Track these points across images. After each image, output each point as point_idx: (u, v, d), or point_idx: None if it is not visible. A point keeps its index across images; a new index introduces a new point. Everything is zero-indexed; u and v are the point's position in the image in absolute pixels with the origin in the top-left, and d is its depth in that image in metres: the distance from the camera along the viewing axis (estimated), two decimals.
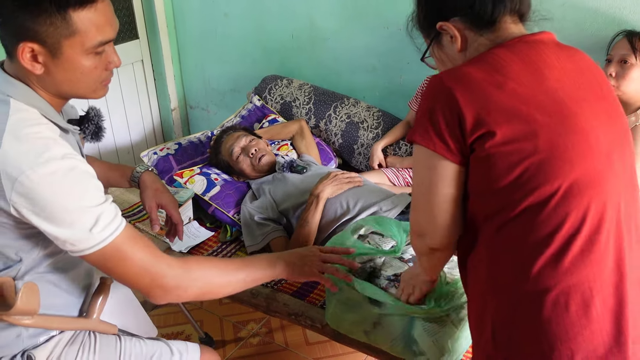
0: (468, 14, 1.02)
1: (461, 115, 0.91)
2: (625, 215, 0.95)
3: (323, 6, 2.51)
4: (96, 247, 1.02)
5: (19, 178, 0.96)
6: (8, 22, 0.99)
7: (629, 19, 1.88)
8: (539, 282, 0.90)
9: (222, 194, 2.04)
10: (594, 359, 0.88)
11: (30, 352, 1.17)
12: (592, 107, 0.96)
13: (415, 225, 1.07)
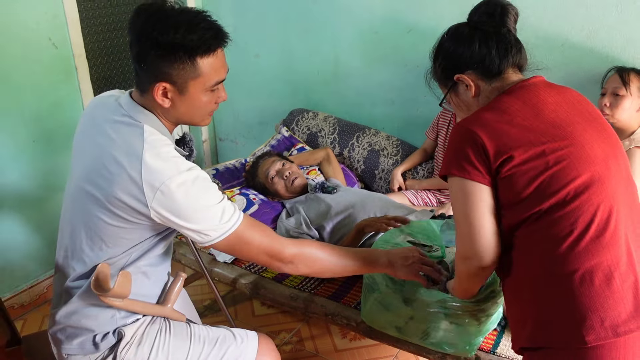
0: (480, 67, 1.25)
1: (485, 148, 1.13)
2: (626, 210, 1.16)
3: (346, 46, 2.80)
4: (223, 236, 1.29)
5: (160, 187, 1.22)
6: (149, 68, 1.24)
7: (620, 56, 2.14)
8: (566, 265, 1.10)
9: (261, 211, 2.28)
10: (618, 323, 1.07)
11: (121, 329, 1.40)
12: (583, 127, 1.18)
13: (462, 250, 1.21)
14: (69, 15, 2.49)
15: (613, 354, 1.07)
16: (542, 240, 1.13)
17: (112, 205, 1.27)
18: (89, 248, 1.35)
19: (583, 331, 1.07)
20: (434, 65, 1.36)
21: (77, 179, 1.36)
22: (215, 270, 2.10)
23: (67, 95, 2.57)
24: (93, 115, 1.39)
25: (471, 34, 1.27)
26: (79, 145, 1.39)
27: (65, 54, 2.53)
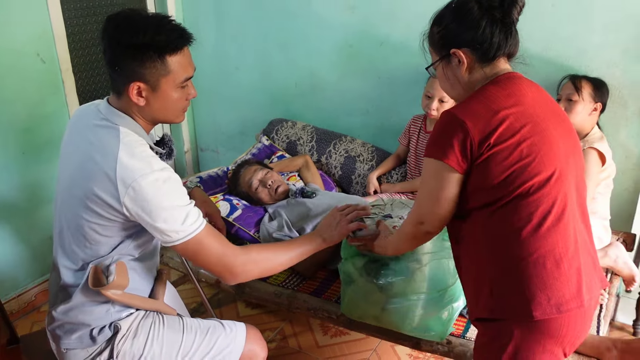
0: (478, 49, 1.30)
1: (470, 136, 1.22)
2: (577, 202, 1.31)
3: (323, 58, 2.95)
4: (185, 239, 1.38)
5: (132, 184, 1.32)
6: (123, 70, 1.36)
7: (573, 65, 2.33)
8: (523, 249, 1.24)
9: (244, 215, 2.40)
10: (562, 302, 1.22)
11: (117, 323, 1.51)
12: (554, 125, 1.29)
13: (418, 214, 1.37)
14: (56, 32, 2.59)
15: (555, 327, 1.23)
16: (504, 224, 1.26)
17: (90, 202, 1.36)
18: (77, 247, 1.45)
19: (532, 307, 1.22)
20: (432, 30, 1.38)
21: (63, 184, 1.47)
22: (202, 272, 2.21)
23: (55, 109, 2.66)
24: (76, 123, 1.50)
25: (480, 15, 1.29)
26: (65, 153, 1.50)
27: (53, 68, 2.63)
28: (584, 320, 1.28)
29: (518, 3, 1.32)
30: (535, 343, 1.26)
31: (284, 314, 2.65)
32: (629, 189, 2.41)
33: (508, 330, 1.27)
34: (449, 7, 1.36)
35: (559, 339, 1.25)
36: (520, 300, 1.24)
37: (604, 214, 2.21)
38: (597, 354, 1.66)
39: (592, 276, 1.29)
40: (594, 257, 1.34)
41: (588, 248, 1.32)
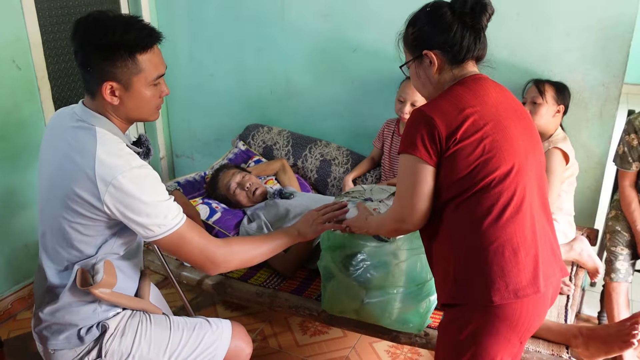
0: (449, 52, 1.40)
1: (439, 131, 1.31)
2: (537, 195, 1.40)
3: (297, 64, 3.03)
4: (167, 233, 1.41)
5: (112, 181, 1.34)
6: (95, 70, 1.37)
7: (536, 70, 2.46)
8: (485, 238, 1.32)
9: (223, 218, 2.44)
10: (519, 287, 1.31)
11: (104, 322, 1.53)
12: (515, 123, 1.38)
13: (398, 213, 1.42)
14: (32, 39, 2.60)
15: (512, 312, 1.32)
16: (468, 216, 1.34)
17: (71, 202, 1.38)
18: (60, 248, 1.47)
19: (491, 292, 1.31)
20: (407, 31, 1.47)
21: (44, 187, 1.49)
22: (183, 274, 2.24)
23: (30, 115, 2.66)
24: (53, 127, 1.51)
25: (452, 20, 1.39)
26: (44, 156, 1.51)
27: (29, 75, 2.63)
28: (539, 306, 1.36)
29: (487, 10, 1.42)
30: (491, 326, 1.34)
31: (263, 316, 2.69)
32: (591, 187, 2.54)
33: (468, 314, 1.36)
34: (423, 11, 1.44)
35: (515, 324, 1.34)
36: (481, 286, 1.32)
37: (569, 210, 2.33)
38: (565, 341, 1.76)
39: (550, 264, 1.38)
40: (553, 247, 1.42)
41: (548, 238, 1.41)
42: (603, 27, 2.29)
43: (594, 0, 2.28)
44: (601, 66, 2.35)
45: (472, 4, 1.39)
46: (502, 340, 1.35)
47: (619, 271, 2.22)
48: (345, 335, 2.54)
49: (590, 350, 1.71)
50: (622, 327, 1.68)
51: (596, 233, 2.50)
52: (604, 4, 2.26)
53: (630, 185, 2.34)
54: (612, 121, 2.42)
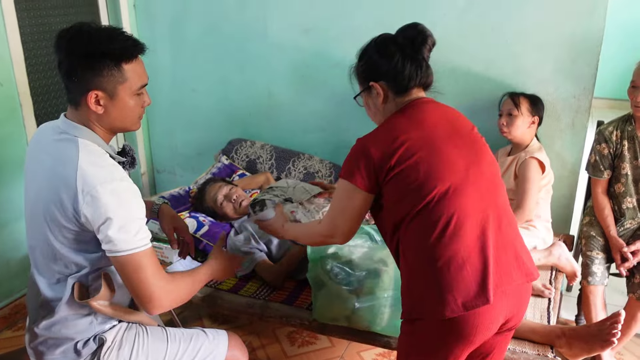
0: (392, 82, 1.51)
1: (374, 161, 1.41)
2: (490, 206, 1.44)
3: (279, 79, 3.08)
4: (131, 251, 1.37)
5: (91, 191, 1.34)
6: (80, 80, 1.38)
7: (511, 83, 2.57)
8: (432, 255, 1.38)
9: (211, 232, 2.46)
10: (467, 300, 1.35)
11: (101, 335, 1.54)
12: (454, 142, 1.45)
13: (328, 230, 1.54)
14: (14, 55, 2.59)
15: (464, 323, 1.37)
16: (415, 234, 1.42)
17: (55, 213, 1.37)
18: (50, 261, 1.46)
19: (442, 306, 1.36)
20: (358, 64, 1.59)
21: (30, 202, 1.49)
22: None
23: (12, 132, 2.64)
24: (36, 143, 1.52)
25: (394, 52, 1.50)
26: (29, 172, 1.52)
27: (10, 92, 2.62)
28: (492, 315, 1.39)
29: (427, 42, 1.53)
30: (444, 340, 1.41)
31: (250, 328, 2.70)
32: (566, 194, 2.65)
33: (422, 328, 1.43)
34: (370, 44, 1.57)
35: (467, 336, 1.38)
36: (433, 301, 1.38)
37: (546, 217, 2.43)
38: (549, 341, 1.84)
39: (508, 273, 1.40)
40: (518, 254, 1.45)
41: (510, 247, 1.44)
42: (573, 42, 2.42)
43: (564, 17, 2.40)
44: (572, 79, 2.48)
45: (413, 36, 1.52)
46: (456, 353, 1.42)
47: (596, 274, 2.32)
48: (333, 345, 2.57)
49: (573, 350, 1.79)
50: (603, 326, 1.77)
51: (572, 239, 2.61)
52: (574, 20, 2.39)
53: (602, 192, 2.45)
54: (583, 132, 2.54)
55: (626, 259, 2.28)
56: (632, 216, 2.39)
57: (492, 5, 2.51)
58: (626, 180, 2.36)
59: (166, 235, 1.91)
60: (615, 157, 2.38)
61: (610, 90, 4.89)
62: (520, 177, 2.37)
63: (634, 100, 2.24)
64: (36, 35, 2.80)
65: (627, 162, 2.35)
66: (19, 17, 2.63)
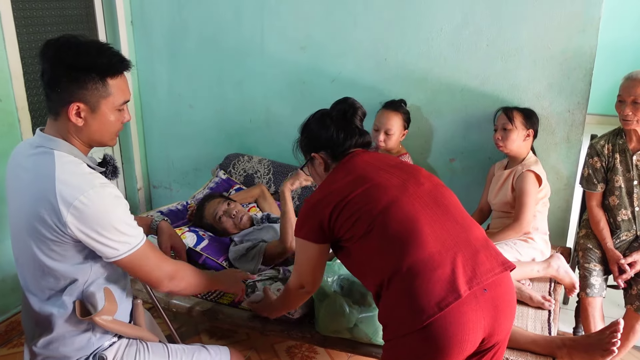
0: (329, 150, 1.70)
1: (320, 216, 1.55)
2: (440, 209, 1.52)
3: (277, 95, 3.11)
4: (130, 252, 1.42)
5: (74, 203, 1.32)
6: (63, 91, 1.37)
7: (507, 97, 2.61)
8: (396, 268, 1.43)
9: (211, 245, 2.45)
10: (439, 299, 1.37)
11: (101, 354, 1.52)
12: (386, 170, 1.60)
13: (298, 282, 1.70)
14: (13, 71, 2.60)
15: (441, 324, 1.38)
16: (376, 254, 1.49)
17: (38, 227, 1.35)
18: (38, 277, 1.44)
19: (417, 314, 1.38)
20: (300, 138, 1.80)
21: (14, 218, 1.47)
22: (173, 302, 2.23)
23: (11, 146, 2.57)
24: (14, 160, 1.49)
25: (329, 124, 1.71)
26: (9, 191, 1.49)
27: (9, 107, 2.62)
28: (467, 318, 1.39)
29: (357, 114, 1.75)
30: (420, 355, 1.42)
31: (249, 343, 2.69)
32: (562, 207, 2.68)
33: (402, 345, 1.45)
34: (310, 119, 1.79)
35: (445, 348, 1.38)
36: (407, 312, 1.41)
37: (544, 229, 2.45)
38: (550, 352, 1.84)
39: (478, 266, 1.44)
40: (487, 248, 1.50)
41: (470, 244, 1.48)
42: (567, 57, 2.47)
43: (557, 33, 2.46)
44: (566, 94, 2.52)
45: (345, 109, 1.74)
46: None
47: (594, 286, 2.34)
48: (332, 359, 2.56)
49: None
50: (602, 335, 1.78)
51: (569, 251, 2.63)
52: (567, 36, 2.44)
53: (597, 206, 2.48)
54: (578, 145, 2.58)
55: (623, 271, 2.31)
56: (628, 228, 2.42)
57: (487, 22, 2.56)
58: (620, 192, 2.39)
59: (162, 252, 1.89)
60: (607, 170, 2.42)
61: (599, 107, 5.01)
62: (517, 190, 2.40)
63: (621, 114, 2.29)
64: (34, 51, 2.81)
65: (620, 175, 2.38)
66: (18, 32, 2.65)
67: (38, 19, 2.84)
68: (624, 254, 2.37)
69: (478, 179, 2.77)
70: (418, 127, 2.80)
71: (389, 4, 2.71)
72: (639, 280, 2.32)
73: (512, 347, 1.87)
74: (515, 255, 2.28)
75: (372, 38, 2.80)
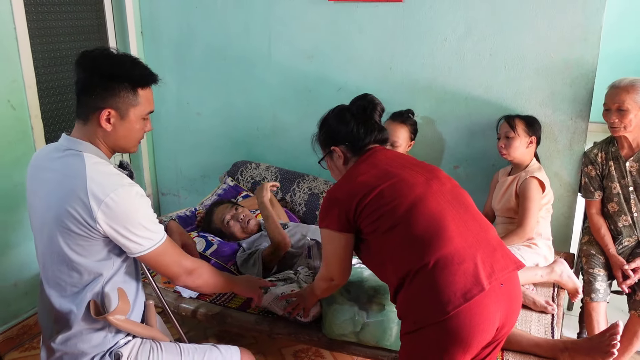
0: (349, 144, 1.75)
1: (344, 206, 1.61)
2: (460, 207, 1.59)
3: (283, 104, 3.16)
4: (154, 247, 1.52)
5: (105, 200, 1.42)
6: (98, 97, 1.49)
7: (510, 105, 2.66)
8: (422, 261, 1.48)
9: (219, 250, 2.50)
10: (465, 291, 1.44)
11: (117, 351, 1.57)
12: (410, 168, 1.67)
13: (328, 274, 1.75)
14: (26, 80, 2.66)
15: (467, 315, 1.45)
16: (400, 248, 1.54)
17: (67, 223, 1.43)
18: (62, 273, 1.51)
19: (443, 304, 1.45)
20: (319, 133, 1.85)
21: (37, 219, 1.54)
22: (182, 306, 2.27)
23: (24, 154, 2.70)
24: (37, 164, 1.58)
25: (349, 119, 1.76)
26: (32, 192, 1.57)
27: (23, 115, 2.68)
28: (490, 302, 1.48)
29: (377, 109, 1.82)
30: (441, 346, 1.48)
31: (256, 347, 2.72)
32: (565, 213, 2.72)
33: (423, 336, 1.51)
34: (329, 114, 1.84)
35: (466, 339, 1.45)
36: (433, 303, 1.47)
37: (547, 235, 2.48)
38: (553, 355, 1.87)
39: (497, 262, 1.53)
40: (501, 247, 1.59)
41: (488, 242, 1.57)
42: (569, 66, 2.51)
43: (560, 43, 2.50)
44: (568, 102, 2.56)
45: (364, 105, 1.80)
46: (457, 354, 1.48)
47: (599, 291, 2.36)
48: None
49: None
50: (603, 338, 1.81)
51: (572, 257, 2.66)
52: (569, 45, 2.49)
53: (597, 213, 2.52)
54: (580, 152, 2.62)
55: (627, 277, 2.34)
56: (630, 234, 2.45)
57: (490, 32, 2.61)
58: (619, 199, 2.43)
59: None
60: (603, 177, 2.47)
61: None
62: (521, 196, 2.44)
63: (608, 122, 2.34)
64: (47, 61, 2.89)
65: (615, 182, 2.43)
66: (32, 43, 2.71)
67: (51, 30, 2.91)
68: (627, 259, 2.40)
69: (482, 186, 2.80)
70: (423, 134, 2.85)
71: (393, 14, 2.76)
72: None
73: (516, 350, 1.91)
74: None
75: (377, 47, 2.85)
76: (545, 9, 2.49)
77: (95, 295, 1.52)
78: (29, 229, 2.71)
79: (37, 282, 1.61)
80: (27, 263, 2.77)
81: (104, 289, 1.53)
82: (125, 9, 3.26)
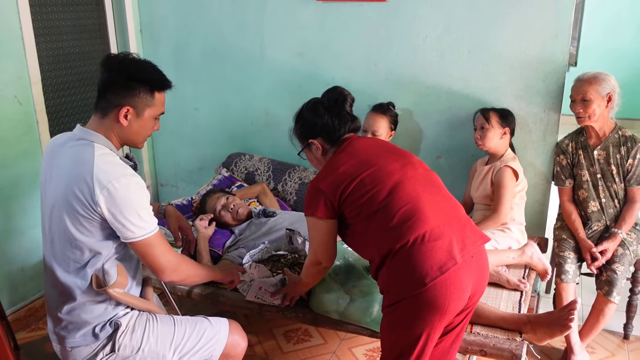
0: (326, 135, 1.87)
1: (327, 194, 1.73)
2: (433, 189, 1.76)
3: (276, 99, 3.33)
4: (145, 236, 1.66)
5: (107, 185, 1.59)
6: (120, 94, 1.67)
7: (487, 99, 2.82)
8: (401, 240, 1.64)
9: (213, 238, 2.66)
10: (441, 264, 1.60)
11: (117, 320, 1.74)
12: (384, 156, 1.80)
13: (316, 258, 1.87)
14: (32, 76, 2.83)
15: (442, 285, 1.61)
16: (383, 229, 1.68)
17: (72, 203, 1.60)
18: (67, 250, 1.68)
19: (422, 277, 1.61)
20: (295, 126, 1.95)
21: (49, 200, 1.70)
22: (178, 287, 2.44)
23: (29, 147, 2.87)
24: (52, 150, 1.75)
25: (323, 112, 1.87)
26: (46, 174, 1.73)
27: (28, 110, 2.85)
28: (463, 274, 1.64)
29: (347, 100, 1.93)
30: (418, 313, 1.64)
31: (249, 328, 2.89)
32: (539, 200, 2.88)
33: (401, 306, 1.67)
34: (304, 108, 1.95)
35: (442, 306, 1.61)
36: (411, 276, 1.63)
37: (520, 220, 2.64)
38: (517, 328, 2.04)
39: (467, 237, 1.69)
40: (465, 222, 1.74)
41: (458, 220, 1.73)
42: (541, 62, 2.67)
43: (532, 40, 2.66)
44: (542, 96, 2.72)
45: (336, 97, 1.91)
46: (433, 324, 1.64)
47: (568, 273, 2.53)
48: (326, 342, 2.76)
49: (538, 335, 2.00)
50: (562, 312, 1.98)
51: (546, 241, 2.82)
52: (541, 42, 2.65)
53: (568, 200, 2.69)
54: (553, 143, 2.78)
55: (595, 259, 2.50)
56: (598, 219, 2.61)
57: (468, 30, 2.76)
58: (588, 186, 2.59)
59: (171, 232, 2.13)
60: (573, 166, 2.63)
61: None
62: (495, 184, 2.60)
63: (574, 112, 2.52)
64: (51, 58, 3.05)
65: (585, 170, 2.59)
66: (37, 41, 2.88)
67: (55, 29, 3.08)
68: (595, 243, 2.57)
69: (462, 175, 2.96)
70: (406, 127, 3.01)
71: (377, 13, 2.92)
72: (608, 268, 2.50)
73: (484, 324, 2.07)
74: (493, 244, 2.47)
75: (363, 45, 3.01)
76: (520, 8, 2.64)
77: (96, 272, 1.69)
78: (34, 217, 2.90)
79: (42, 267, 1.78)
80: (33, 249, 2.94)
81: (103, 266, 1.69)
82: (125, 8, 3.42)
